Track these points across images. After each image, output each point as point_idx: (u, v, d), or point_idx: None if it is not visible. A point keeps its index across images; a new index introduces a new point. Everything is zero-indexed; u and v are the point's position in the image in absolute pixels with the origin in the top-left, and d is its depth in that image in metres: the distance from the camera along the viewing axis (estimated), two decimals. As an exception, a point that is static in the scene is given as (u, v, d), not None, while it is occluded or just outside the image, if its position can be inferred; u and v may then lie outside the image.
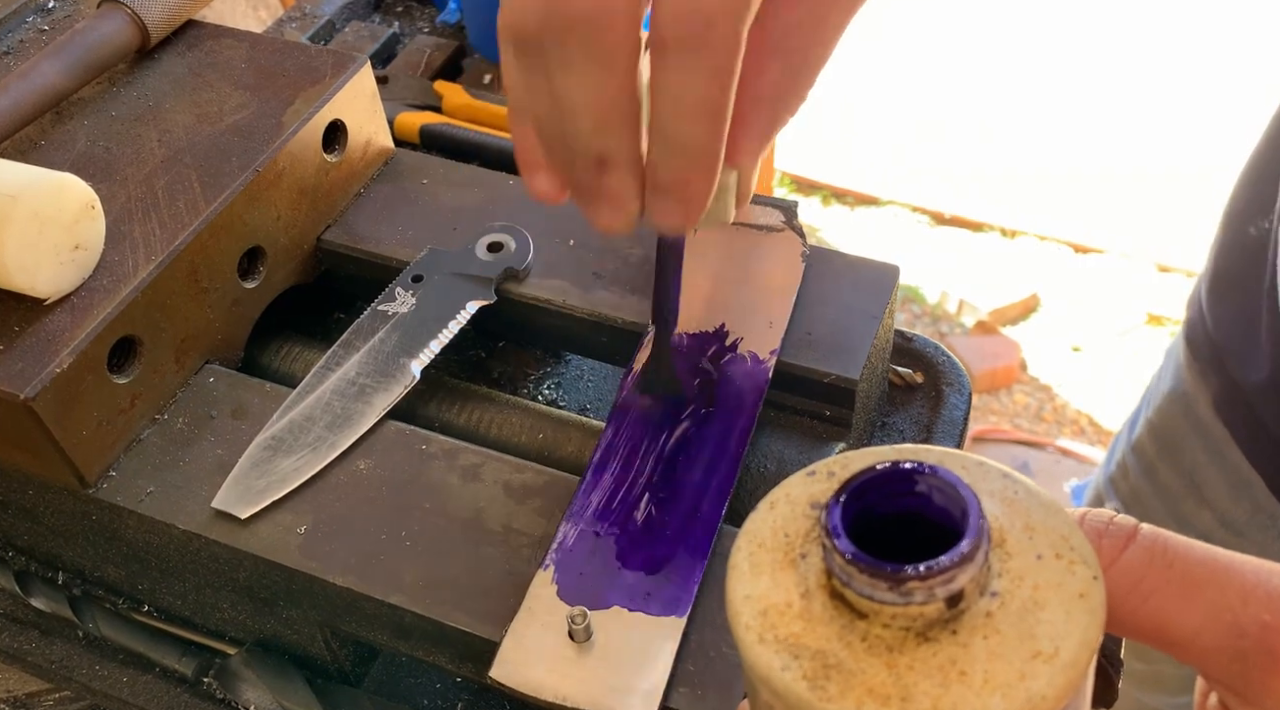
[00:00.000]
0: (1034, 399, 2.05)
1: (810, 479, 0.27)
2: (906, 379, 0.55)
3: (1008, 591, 0.24)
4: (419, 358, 0.47)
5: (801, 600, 0.24)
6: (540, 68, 0.31)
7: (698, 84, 0.30)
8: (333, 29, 0.87)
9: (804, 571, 0.25)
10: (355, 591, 0.41)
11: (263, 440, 0.44)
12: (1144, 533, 0.27)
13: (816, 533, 0.25)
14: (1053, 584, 0.24)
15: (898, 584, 0.23)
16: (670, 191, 0.33)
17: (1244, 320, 0.68)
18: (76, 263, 0.43)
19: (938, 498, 0.25)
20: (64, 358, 0.41)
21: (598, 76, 0.31)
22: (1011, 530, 0.25)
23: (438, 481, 0.43)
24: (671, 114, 0.31)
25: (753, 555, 0.26)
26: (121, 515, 0.44)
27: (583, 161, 0.33)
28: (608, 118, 0.32)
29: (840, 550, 0.23)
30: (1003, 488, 0.26)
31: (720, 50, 0.30)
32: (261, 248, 0.49)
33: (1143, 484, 0.82)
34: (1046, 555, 0.24)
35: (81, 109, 0.50)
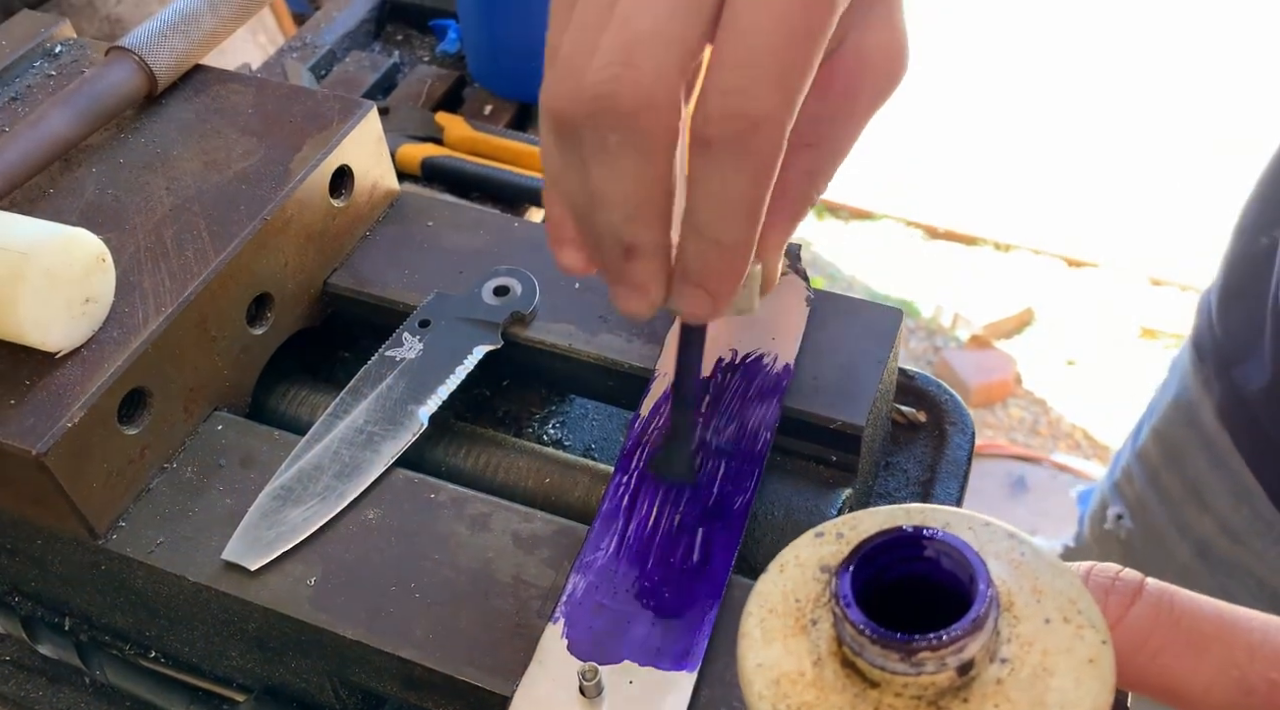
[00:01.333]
0: (1029, 413, 2.06)
1: (819, 541, 0.27)
2: (910, 418, 0.55)
3: (1017, 658, 0.24)
4: (427, 404, 0.47)
5: (814, 668, 0.25)
6: (577, 152, 0.32)
7: (739, 183, 0.31)
8: (333, 59, 0.87)
9: (815, 638, 0.25)
10: (365, 644, 0.41)
11: (272, 490, 0.44)
12: (1149, 589, 0.28)
13: (827, 598, 0.26)
14: (1062, 649, 0.24)
15: (909, 654, 0.23)
16: (700, 284, 0.33)
17: (1249, 328, 0.69)
18: (87, 316, 0.43)
19: (945, 562, 0.25)
20: (75, 412, 0.41)
21: (635, 170, 0.31)
22: (1019, 593, 0.25)
23: (446, 531, 0.44)
24: (709, 210, 0.31)
25: (764, 621, 0.26)
26: (131, 566, 0.44)
27: (611, 247, 0.33)
28: (641, 210, 0.32)
29: (851, 620, 0.24)
30: (1009, 549, 0.26)
31: (764, 152, 0.30)
32: (269, 294, 0.49)
33: (1147, 490, 0.83)
34: (1055, 619, 0.25)
35: (90, 157, 0.50)
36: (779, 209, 0.35)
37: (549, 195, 0.36)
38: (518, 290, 0.51)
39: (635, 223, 0.32)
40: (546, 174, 0.35)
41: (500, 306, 0.51)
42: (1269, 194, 0.71)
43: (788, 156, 0.32)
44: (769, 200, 0.33)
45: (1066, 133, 2.44)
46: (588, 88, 0.30)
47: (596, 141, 0.31)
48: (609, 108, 0.30)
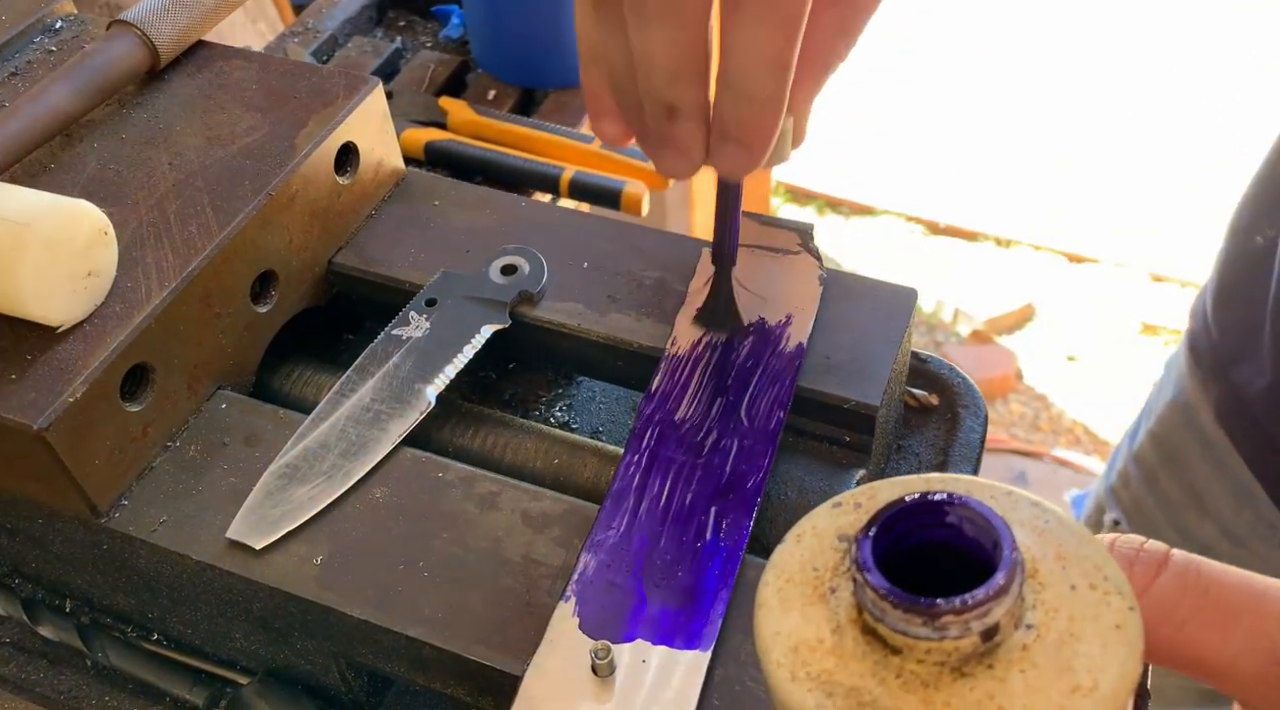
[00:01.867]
0: (1030, 408, 2.05)
1: (837, 511, 0.27)
2: (922, 401, 0.54)
3: (1043, 624, 0.23)
4: (434, 383, 0.47)
5: (833, 636, 0.24)
6: (616, 21, 0.33)
7: (771, 38, 0.32)
8: (335, 44, 0.86)
9: (834, 606, 0.25)
10: (373, 624, 0.40)
11: (277, 468, 0.44)
12: (1176, 559, 0.27)
13: (846, 566, 0.25)
14: (1088, 615, 0.24)
15: (932, 619, 0.22)
16: (738, 139, 0.35)
17: (1247, 329, 0.69)
18: (89, 290, 0.42)
19: (968, 528, 0.25)
20: (77, 387, 0.40)
21: (674, 32, 0.32)
22: (1044, 560, 0.25)
23: (455, 510, 0.43)
24: (743, 67, 0.33)
25: (781, 590, 0.25)
26: (134, 545, 0.43)
27: (653, 110, 0.35)
28: (681, 71, 0.33)
29: (872, 585, 0.23)
30: (1032, 517, 0.25)
31: (792, 6, 0.31)
32: (274, 271, 0.48)
33: (1144, 494, 0.83)
34: (1080, 586, 0.24)
35: (91, 131, 0.50)
36: (808, 64, 0.36)
37: (586, 69, 0.37)
38: (525, 269, 0.50)
39: (677, 84, 0.33)
40: (583, 47, 0.36)
41: (508, 286, 0.50)
42: (1263, 194, 0.70)
43: (815, 13, 0.34)
44: (801, 56, 0.34)
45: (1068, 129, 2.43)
46: None
47: (636, 7, 0.32)
48: None
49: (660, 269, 0.51)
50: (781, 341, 0.47)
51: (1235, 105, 2.37)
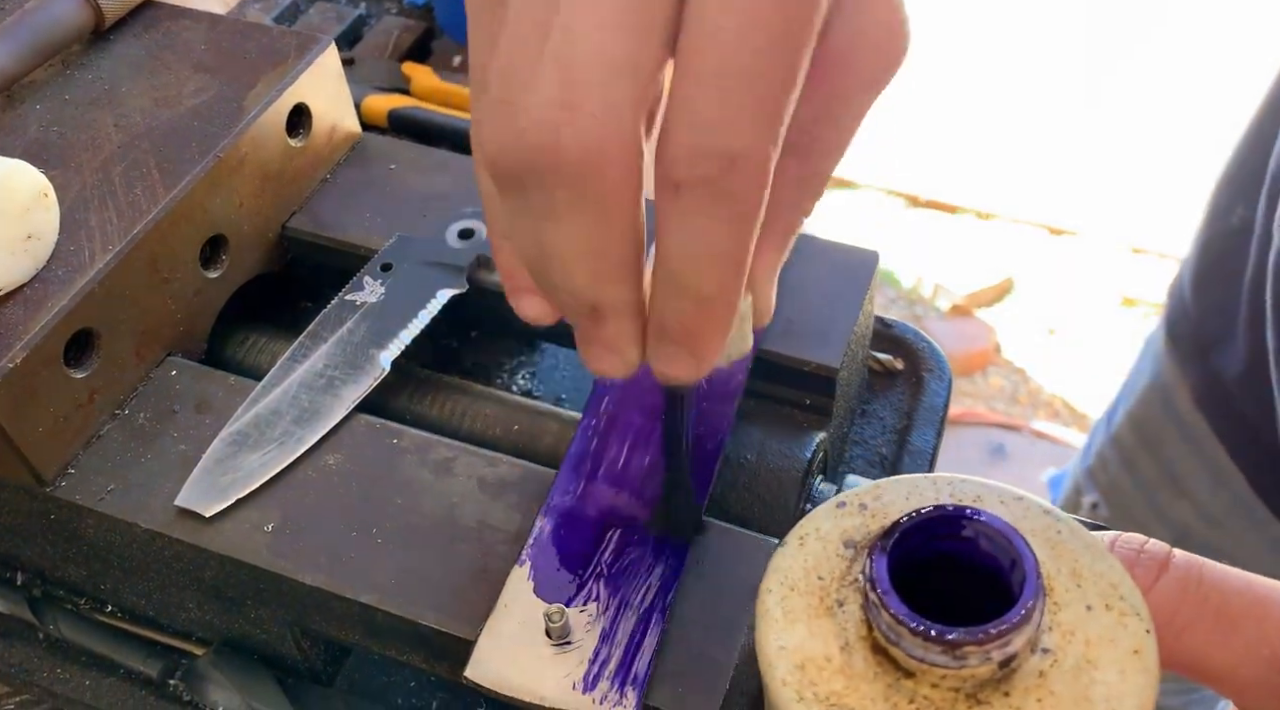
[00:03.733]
0: (1009, 382, 2.06)
1: (840, 512, 0.26)
2: (886, 365, 0.54)
3: (1059, 648, 0.23)
4: (389, 349, 0.46)
5: (841, 654, 0.23)
6: (525, 210, 0.27)
7: (716, 233, 0.25)
8: (297, 11, 0.84)
9: (842, 621, 0.24)
10: (325, 591, 0.39)
11: (227, 435, 0.43)
12: (1177, 561, 0.26)
13: (852, 576, 0.24)
14: (1105, 639, 0.23)
15: (953, 647, 0.22)
16: (680, 342, 0.28)
17: (1224, 310, 0.68)
18: (29, 253, 0.41)
19: (984, 544, 0.24)
20: (17, 352, 0.39)
21: (591, 228, 0.26)
22: (1058, 577, 0.24)
23: (410, 477, 0.42)
24: (684, 263, 0.26)
25: (785, 600, 0.24)
26: (81, 514, 0.42)
27: (574, 308, 0.29)
28: (603, 270, 0.27)
29: (890, 609, 0.22)
30: (1045, 527, 0.24)
31: (746, 194, 0.25)
32: (224, 236, 0.47)
33: (1122, 476, 0.82)
34: (1097, 606, 0.23)
35: (33, 93, 0.48)
36: (768, 231, 0.29)
37: (496, 243, 0.31)
38: (483, 233, 0.49)
39: (599, 283, 0.27)
40: (489, 220, 0.31)
41: (465, 250, 0.49)
42: (1240, 173, 0.69)
43: (775, 170, 0.27)
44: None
45: (1047, 101, 2.43)
46: (525, 136, 0.24)
47: (543, 198, 0.26)
48: (552, 161, 0.24)
49: (621, 232, 0.50)
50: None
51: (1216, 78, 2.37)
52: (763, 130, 0.24)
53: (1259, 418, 0.65)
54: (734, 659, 0.37)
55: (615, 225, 0.26)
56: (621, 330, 0.29)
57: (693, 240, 0.26)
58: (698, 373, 0.29)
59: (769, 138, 0.25)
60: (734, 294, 0.27)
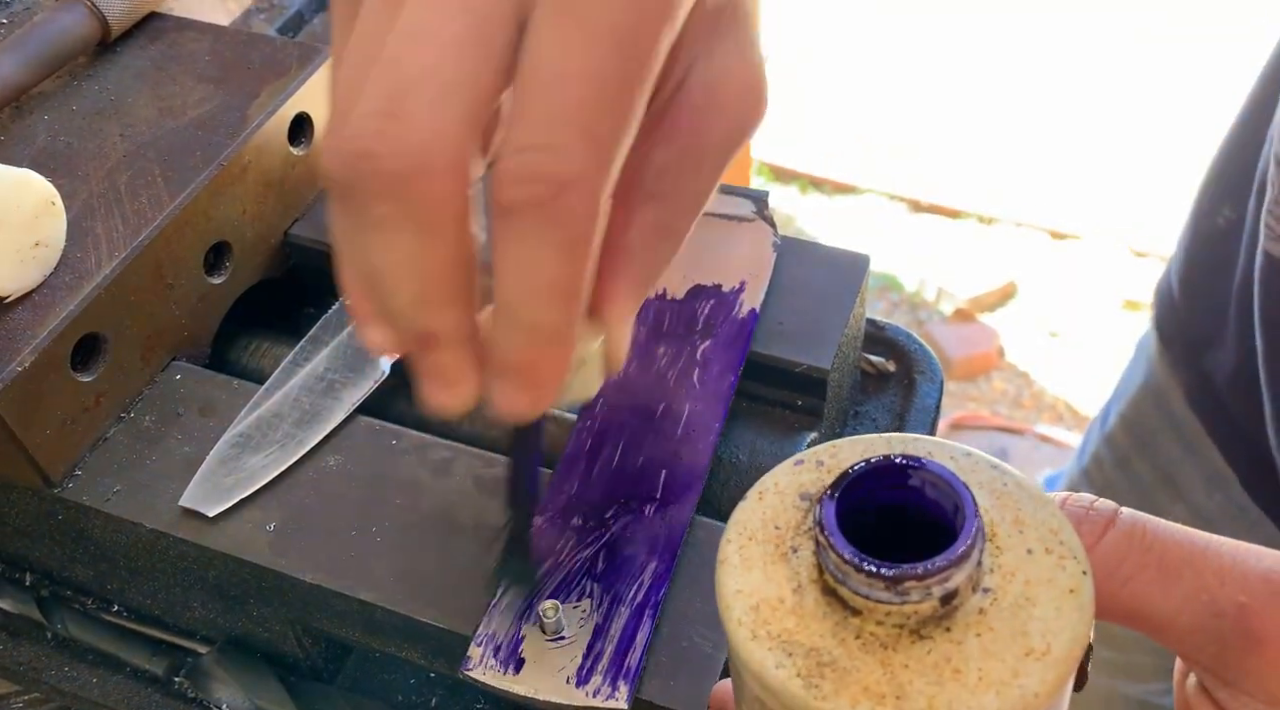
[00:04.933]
0: (1012, 385, 2.06)
1: (798, 468, 0.27)
2: (879, 367, 0.55)
3: (1000, 588, 0.24)
4: (389, 352, 0.47)
5: (794, 595, 0.24)
6: (353, 225, 0.26)
7: (547, 260, 0.25)
8: (301, 20, 0.86)
9: (795, 566, 0.25)
10: (326, 588, 0.40)
11: (230, 437, 0.44)
12: (1123, 517, 0.28)
13: (807, 525, 0.25)
14: (1043, 579, 0.24)
15: (894, 583, 0.23)
16: (515, 375, 0.27)
17: (1213, 311, 0.69)
18: (37, 260, 0.42)
19: (930, 492, 0.25)
20: (25, 356, 0.40)
21: (414, 246, 0.25)
22: (1001, 523, 0.25)
23: (408, 477, 0.43)
24: (516, 290, 0.26)
25: (743, 548, 0.25)
26: (88, 515, 0.43)
27: (404, 334, 0.28)
28: (428, 293, 0.26)
29: (836, 548, 0.23)
30: (991, 479, 0.26)
31: (575, 220, 0.25)
32: (227, 243, 0.48)
33: (1117, 476, 0.83)
34: (1037, 550, 0.24)
35: (41, 104, 0.49)
36: (623, 272, 0.29)
37: (341, 267, 0.29)
38: (481, 237, 0.50)
39: (425, 307, 0.26)
40: (334, 240, 0.29)
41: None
42: (1224, 173, 0.70)
43: (632, 211, 0.28)
44: (612, 260, 0.28)
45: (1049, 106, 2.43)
46: (348, 143, 0.24)
47: (364, 210, 0.25)
48: (371, 170, 0.24)
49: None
50: (735, 307, 0.47)
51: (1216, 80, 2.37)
52: (593, 157, 0.24)
53: (1250, 420, 0.65)
54: (725, 652, 0.38)
55: (438, 244, 0.25)
56: (451, 360, 0.28)
57: (523, 267, 0.25)
58: (535, 407, 0.28)
59: (600, 165, 0.25)
60: (567, 326, 0.27)
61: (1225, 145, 0.70)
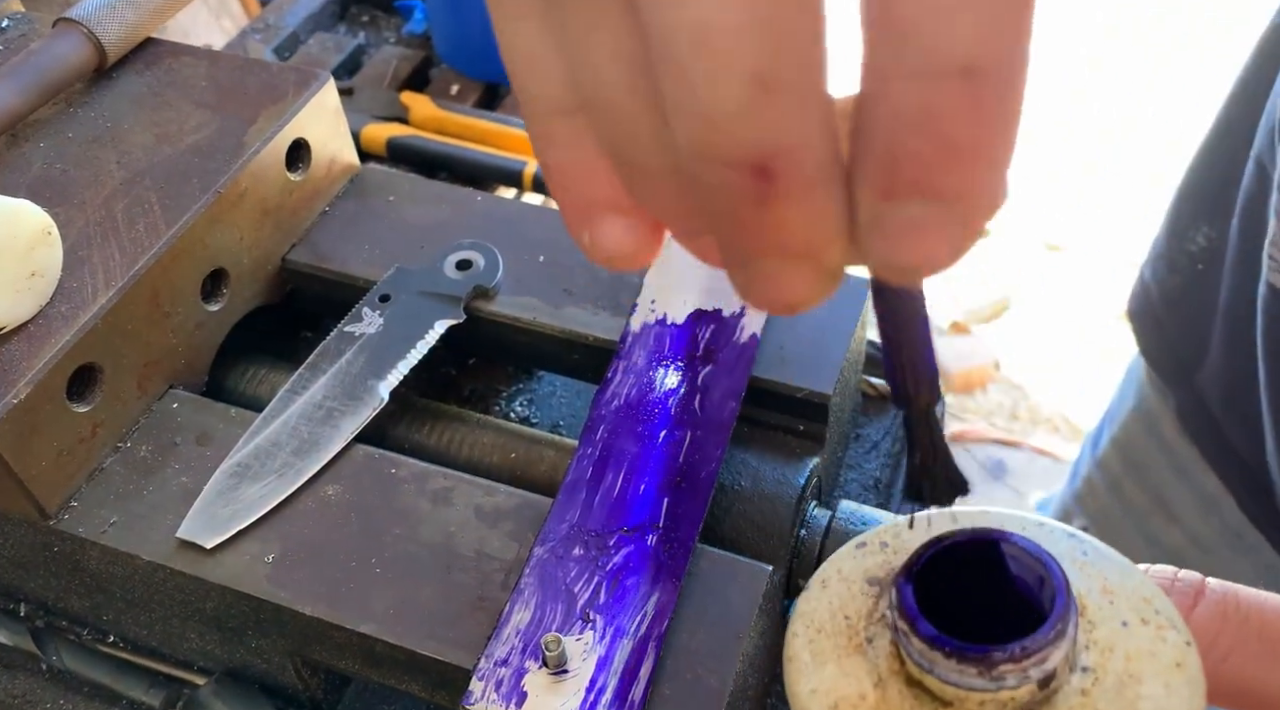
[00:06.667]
0: (1008, 398, 2.06)
1: (861, 551, 0.25)
2: (879, 390, 0.55)
3: (1099, 665, 0.22)
4: (387, 379, 0.47)
5: (875, 690, 0.23)
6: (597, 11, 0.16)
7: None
8: (297, 41, 0.86)
9: (873, 658, 0.23)
10: (325, 621, 0.40)
11: (228, 467, 0.43)
12: (1212, 587, 0.26)
13: (880, 613, 0.24)
14: (1145, 653, 0.22)
15: (988, 668, 0.21)
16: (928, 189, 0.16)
17: (1200, 331, 0.68)
18: (33, 290, 0.42)
19: (1013, 567, 0.23)
20: (21, 388, 0.40)
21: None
22: (1089, 595, 0.23)
23: (408, 506, 0.43)
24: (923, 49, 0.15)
25: (812, 642, 0.24)
26: (84, 547, 0.43)
27: (722, 180, 0.16)
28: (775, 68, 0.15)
29: (920, 633, 0.22)
30: (1070, 549, 0.24)
31: None
32: (224, 270, 0.48)
33: (1110, 502, 0.82)
34: (1132, 621, 0.23)
35: (37, 131, 0.49)
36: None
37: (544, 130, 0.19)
38: (480, 264, 0.50)
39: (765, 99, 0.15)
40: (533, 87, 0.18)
41: (462, 280, 0.50)
42: (1197, 190, 0.69)
43: None
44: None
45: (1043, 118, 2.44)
46: None
47: None
48: None
49: (615, 261, 0.51)
50: (736, 332, 0.47)
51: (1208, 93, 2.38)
52: None
53: (1246, 441, 0.65)
54: (729, 685, 0.37)
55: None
56: (815, 204, 0.16)
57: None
58: (963, 244, 0.17)
59: None
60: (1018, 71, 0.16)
61: (1197, 163, 0.70)
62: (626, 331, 0.47)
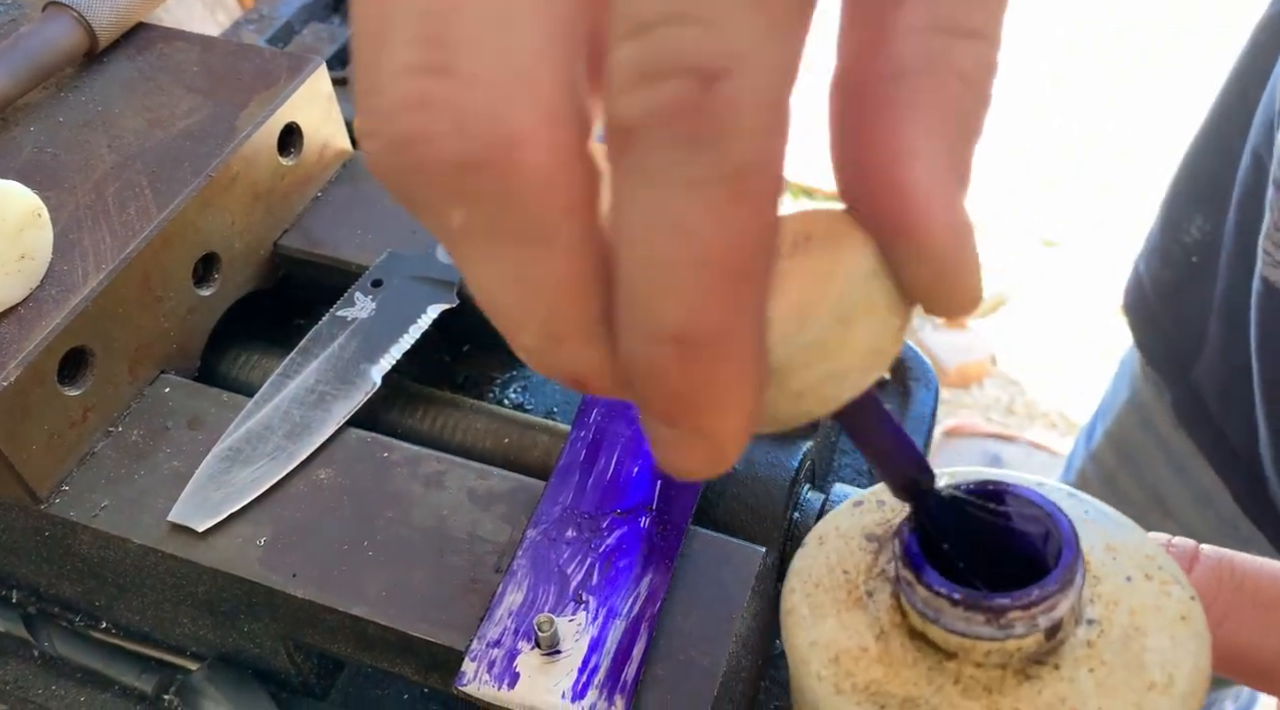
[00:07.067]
0: (1005, 393, 2.06)
1: (859, 509, 0.25)
2: (874, 376, 0.54)
3: (1104, 618, 0.22)
4: (379, 364, 0.46)
5: (877, 642, 0.22)
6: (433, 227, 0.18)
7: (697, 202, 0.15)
8: (291, 31, 0.85)
9: (874, 611, 0.23)
10: (317, 603, 0.40)
11: (220, 451, 0.43)
12: (1206, 553, 0.26)
13: (880, 567, 0.24)
14: (1150, 607, 0.22)
15: (996, 616, 0.21)
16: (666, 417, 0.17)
17: (1195, 323, 0.68)
18: (23, 273, 0.42)
19: (1017, 520, 0.23)
20: (11, 370, 0.40)
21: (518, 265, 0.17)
22: (1092, 551, 0.23)
23: (400, 490, 0.43)
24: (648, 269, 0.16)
25: (810, 596, 0.24)
26: (75, 530, 0.43)
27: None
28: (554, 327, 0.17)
29: (926, 582, 0.21)
30: (1071, 507, 0.24)
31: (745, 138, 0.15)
32: (216, 254, 0.48)
33: (1105, 495, 0.81)
34: (1136, 576, 0.23)
35: (27, 115, 0.49)
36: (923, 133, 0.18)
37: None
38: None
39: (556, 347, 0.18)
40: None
41: (454, 265, 0.49)
42: (1193, 179, 0.69)
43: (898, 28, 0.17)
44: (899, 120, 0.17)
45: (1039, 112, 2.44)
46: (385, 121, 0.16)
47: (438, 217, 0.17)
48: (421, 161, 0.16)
49: (609, 246, 0.51)
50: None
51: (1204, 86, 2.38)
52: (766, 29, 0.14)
53: (1242, 434, 0.65)
54: (722, 666, 0.37)
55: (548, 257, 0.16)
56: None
57: (662, 227, 0.15)
58: (718, 462, 0.18)
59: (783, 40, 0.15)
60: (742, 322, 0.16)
61: (1191, 155, 0.70)
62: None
